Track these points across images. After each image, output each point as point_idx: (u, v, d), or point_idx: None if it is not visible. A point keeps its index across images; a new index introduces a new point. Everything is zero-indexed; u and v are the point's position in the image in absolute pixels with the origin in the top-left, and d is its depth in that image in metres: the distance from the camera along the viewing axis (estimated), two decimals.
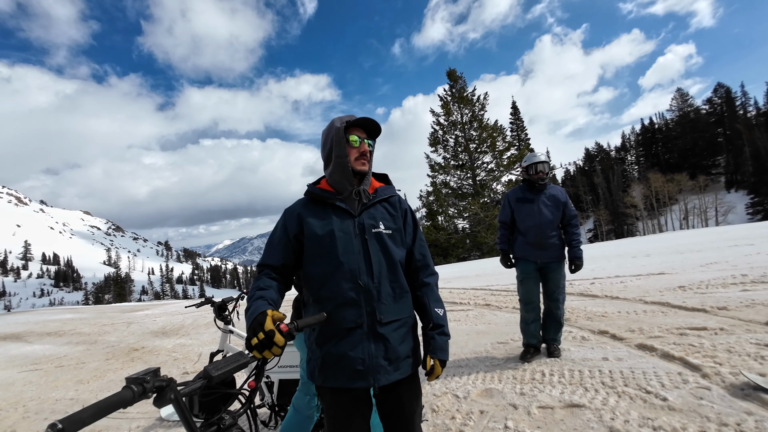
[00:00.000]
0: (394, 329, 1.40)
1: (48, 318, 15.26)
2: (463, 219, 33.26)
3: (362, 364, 1.33)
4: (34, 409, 4.14)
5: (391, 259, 1.43)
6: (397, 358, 1.38)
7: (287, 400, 2.72)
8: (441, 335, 1.45)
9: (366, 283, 1.37)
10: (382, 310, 1.37)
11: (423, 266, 1.53)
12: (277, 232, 1.49)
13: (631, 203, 57.24)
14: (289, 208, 1.53)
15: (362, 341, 1.35)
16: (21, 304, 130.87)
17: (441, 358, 1.43)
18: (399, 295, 1.44)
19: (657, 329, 3.78)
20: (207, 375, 0.92)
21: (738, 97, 58.94)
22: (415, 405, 1.46)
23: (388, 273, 1.42)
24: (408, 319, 1.46)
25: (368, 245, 1.40)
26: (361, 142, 1.46)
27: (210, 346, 6.40)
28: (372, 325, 1.36)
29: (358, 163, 1.46)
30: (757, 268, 5.91)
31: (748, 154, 51.18)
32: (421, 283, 1.52)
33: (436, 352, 1.43)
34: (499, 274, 11.04)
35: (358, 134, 1.46)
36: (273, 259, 1.44)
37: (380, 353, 1.35)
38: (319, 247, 1.41)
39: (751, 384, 2.41)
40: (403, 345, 1.41)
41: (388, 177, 1.64)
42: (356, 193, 1.47)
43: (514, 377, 3.18)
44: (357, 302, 1.36)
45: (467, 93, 32.91)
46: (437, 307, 1.49)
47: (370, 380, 1.34)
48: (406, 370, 1.41)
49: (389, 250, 1.43)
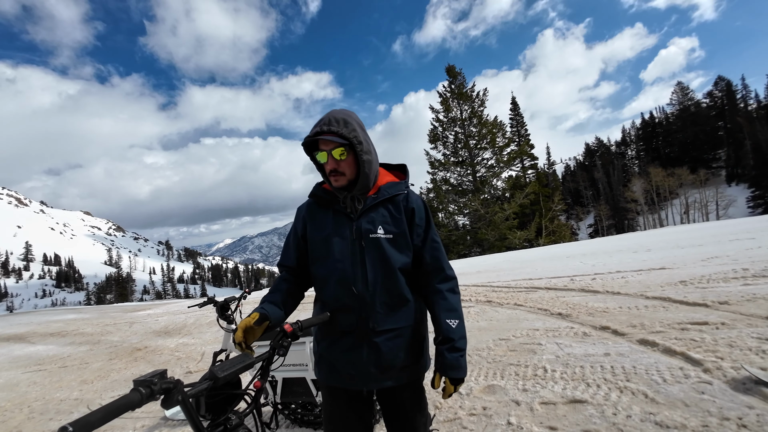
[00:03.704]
0: (389, 339, 1.32)
1: (50, 318, 15.31)
2: (464, 215, 33.27)
3: (353, 368, 1.32)
4: (39, 410, 4.16)
5: (388, 267, 1.32)
6: (390, 367, 1.33)
7: (291, 399, 2.74)
8: (451, 351, 1.31)
9: (360, 290, 1.31)
10: (376, 319, 1.31)
11: (434, 270, 1.39)
12: (290, 233, 1.52)
13: (632, 198, 57.14)
14: (300, 207, 1.53)
15: (354, 347, 1.32)
16: (23, 305, 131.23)
17: (452, 377, 1.31)
18: (396, 305, 1.34)
19: (658, 324, 3.79)
20: (213, 376, 0.92)
21: (739, 90, 58.69)
22: (419, 415, 1.42)
23: (384, 281, 1.32)
24: (405, 329, 1.35)
25: (364, 251, 1.33)
26: (329, 157, 1.31)
27: (213, 345, 6.42)
28: (365, 333, 1.31)
29: (332, 179, 1.35)
30: (758, 262, 5.91)
31: (748, 147, 51.02)
32: (433, 290, 1.39)
33: (446, 370, 1.30)
34: (500, 270, 11.05)
35: (324, 147, 1.31)
36: (288, 259, 1.48)
37: (371, 361, 1.31)
38: (317, 251, 1.40)
39: (752, 378, 2.42)
40: (397, 355, 1.33)
41: (405, 168, 1.53)
42: (351, 198, 1.39)
43: (517, 374, 3.19)
44: (351, 308, 1.32)
45: (467, 89, 32.83)
46: (449, 317, 1.34)
47: (360, 385, 1.33)
48: (401, 380, 1.36)
49: (387, 256, 1.32)
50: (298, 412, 2.82)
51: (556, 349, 3.58)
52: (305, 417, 2.81)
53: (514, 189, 32.42)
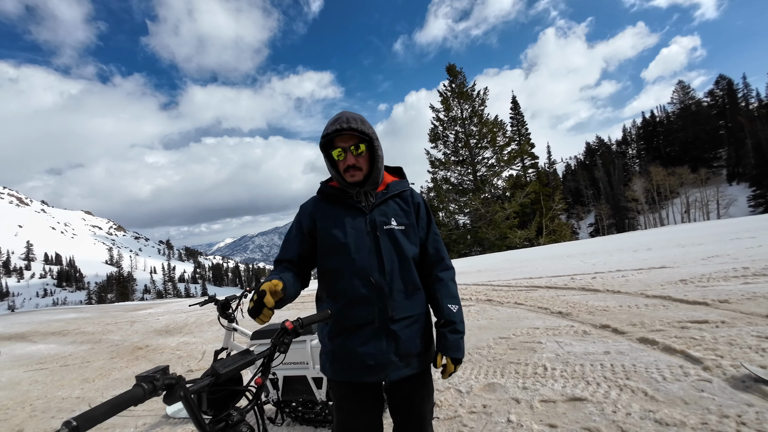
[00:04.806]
0: (406, 326, 1.40)
1: (52, 318, 15.35)
2: (464, 215, 33.26)
3: (373, 359, 1.35)
4: (41, 408, 4.18)
5: (403, 256, 1.41)
6: (408, 354, 1.39)
7: (292, 397, 2.76)
8: (453, 333, 1.43)
9: (378, 280, 1.36)
10: (393, 307, 1.37)
11: (437, 261, 1.51)
12: (292, 229, 1.51)
13: (633, 197, 57.07)
14: (304, 204, 1.54)
15: (374, 337, 1.36)
16: (24, 305, 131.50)
17: (453, 356, 1.42)
18: (411, 292, 1.43)
19: (658, 323, 3.80)
20: (215, 372, 0.93)
21: (740, 89, 58.54)
22: (427, 401, 1.47)
23: (400, 270, 1.40)
24: (420, 315, 1.45)
25: (380, 242, 1.40)
26: (347, 153, 1.39)
27: (214, 344, 6.44)
28: (383, 322, 1.36)
29: (348, 175, 1.42)
30: (758, 261, 5.91)
31: (749, 146, 50.92)
32: (435, 278, 1.49)
33: (448, 350, 1.41)
34: (501, 269, 11.06)
35: (342, 144, 1.39)
36: (288, 254, 1.45)
37: (391, 349, 1.36)
38: (331, 244, 1.41)
39: (752, 376, 2.43)
40: (414, 341, 1.41)
41: (402, 170, 1.62)
42: (363, 193, 1.46)
43: (517, 372, 3.20)
44: (369, 299, 1.36)
45: (467, 88, 32.77)
46: (450, 303, 1.46)
47: (380, 375, 1.35)
48: (417, 366, 1.42)
49: (401, 246, 1.42)
50: (299, 410, 2.83)
51: (556, 348, 3.59)
52: (306, 415, 2.82)
53: (515, 188, 32.39)
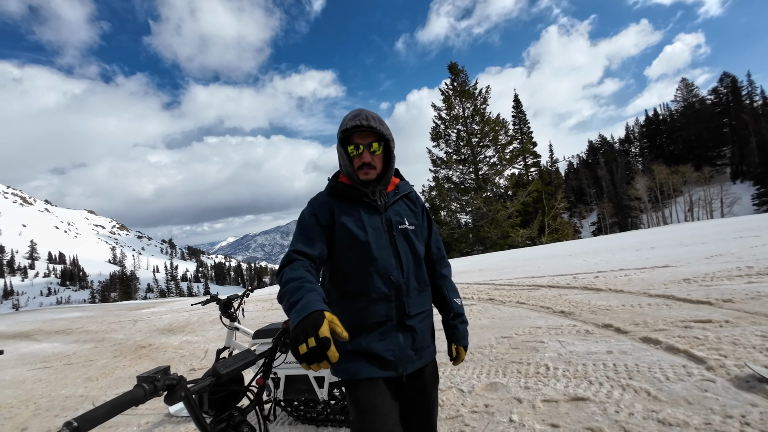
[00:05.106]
0: (420, 320, 1.46)
1: (56, 316, 15.45)
2: (466, 213, 33.22)
3: (393, 355, 1.37)
4: (45, 406, 4.21)
5: (416, 254, 1.47)
6: (422, 347, 1.46)
7: (293, 396, 2.76)
8: (462, 323, 1.57)
9: (397, 278, 1.40)
10: (410, 304, 1.42)
11: (439, 258, 1.60)
12: (307, 221, 1.39)
13: (635, 196, 56.85)
14: (317, 198, 1.47)
15: (392, 333, 1.39)
16: (28, 303, 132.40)
17: (465, 345, 1.56)
18: (423, 288, 1.49)
19: (661, 322, 3.78)
20: (216, 372, 0.93)
21: (744, 87, 58.06)
22: (436, 389, 1.54)
23: (414, 268, 1.46)
24: (429, 311, 1.54)
25: (396, 241, 1.43)
26: (363, 150, 1.38)
27: (216, 343, 6.46)
28: (401, 318, 1.40)
29: (361, 172, 1.41)
30: (762, 260, 5.88)
31: (754, 144, 50.62)
32: (440, 275, 1.59)
33: (460, 340, 1.55)
34: (503, 268, 11.04)
35: (359, 141, 1.38)
36: (311, 248, 1.31)
37: (408, 344, 1.41)
38: (351, 242, 1.38)
39: (756, 376, 2.41)
40: (426, 335, 1.49)
41: (398, 172, 1.61)
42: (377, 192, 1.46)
43: (519, 371, 3.19)
44: (388, 297, 1.39)
45: (469, 86, 32.69)
46: (456, 297, 1.59)
47: (399, 369, 1.38)
48: (428, 358, 1.49)
49: (414, 245, 1.47)
50: (300, 409, 2.84)
51: (558, 347, 3.58)
52: (308, 414, 2.83)
53: (517, 187, 32.31)
